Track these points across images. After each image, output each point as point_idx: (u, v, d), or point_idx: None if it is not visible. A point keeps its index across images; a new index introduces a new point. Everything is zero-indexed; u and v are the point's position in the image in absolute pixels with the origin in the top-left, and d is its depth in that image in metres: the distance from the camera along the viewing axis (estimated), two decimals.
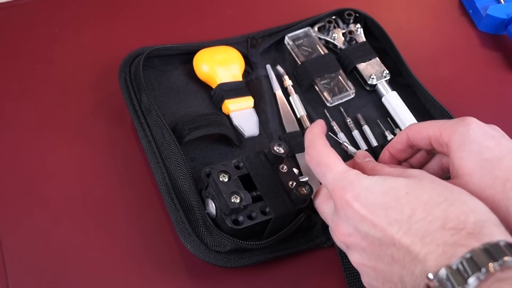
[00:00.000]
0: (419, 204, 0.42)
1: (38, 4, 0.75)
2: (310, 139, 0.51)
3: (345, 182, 0.46)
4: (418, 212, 0.42)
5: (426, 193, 0.43)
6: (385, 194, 0.44)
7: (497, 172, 0.46)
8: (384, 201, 0.44)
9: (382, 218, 0.43)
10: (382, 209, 0.44)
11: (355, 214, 0.45)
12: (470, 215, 0.41)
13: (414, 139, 0.52)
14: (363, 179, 0.46)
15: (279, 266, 0.57)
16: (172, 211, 0.57)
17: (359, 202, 0.45)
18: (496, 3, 0.79)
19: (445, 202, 0.42)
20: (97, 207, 0.60)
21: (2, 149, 0.63)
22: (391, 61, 0.72)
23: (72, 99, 0.67)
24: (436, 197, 0.43)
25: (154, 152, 0.60)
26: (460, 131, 0.48)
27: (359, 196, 0.45)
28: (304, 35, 0.73)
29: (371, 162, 0.52)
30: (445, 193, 0.43)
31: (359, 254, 0.46)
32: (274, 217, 0.54)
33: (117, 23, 0.75)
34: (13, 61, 0.70)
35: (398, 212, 0.43)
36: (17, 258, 0.56)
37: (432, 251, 0.40)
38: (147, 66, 0.68)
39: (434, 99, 0.66)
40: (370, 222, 0.44)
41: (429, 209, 0.42)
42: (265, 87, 0.69)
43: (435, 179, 0.46)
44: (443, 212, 0.41)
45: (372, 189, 0.45)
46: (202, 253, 0.54)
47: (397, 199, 0.43)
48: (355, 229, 0.45)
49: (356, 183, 0.46)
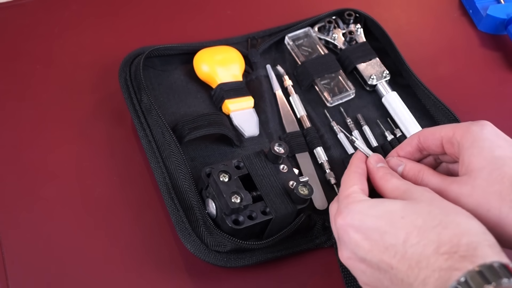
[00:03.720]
0: (414, 228, 0.43)
1: (38, 4, 0.75)
2: (349, 165, 0.53)
3: (342, 205, 0.48)
4: (413, 236, 0.43)
5: (420, 217, 0.43)
6: (380, 218, 0.45)
7: (507, 169, 0.46)
8: (379, 225, 0.44)
9: (378, 242, 0.44)
10: (377, 233, 0.44)
11: (350, 239, 0.46)
12: (463, 238, 0.41)
13: (426, 141, 0.52)
14: (359, 203, 0.47)
15: (279, 266, 0.57)
16: (172, 211, 0.57)
17: (353, 227, 0.46)
18: (496, 3, 0.79)
19: (439, 225, 0.42)
20: (97, 207, 0.60)
21: (2, 149, 0.63)
22: (391, 61, 0.72)
23: (72, 99, 0.67)
24: (430, 221, 0.43)
25: (154, 152, 0.60)
26: (474, 130, 0.48)
27: (353, 220, 0.46)
28: (304, 35, 0.73)
29: (382, 169, 0.52)
30: (440, 216, 0.43)
31: (361, 275, 0.47)
32: (274, 217, 0.54)
33: (117, 22, 0.75)
34: (13, 61, 0.70)
35: (393, 236, 0.43)
36: (17, 258, 0.56)
37: (429, 276, 0.41)
38: (147, 66, 0.68)
39: (436, 99, 0.66)
40: (365, 248, 0.45)
41: (423, 233, 0.42)
42: (265, 87, 0.69)
43: (433, 201, 0.46)
44: (436, 236, 0.42)
45: (366, 212, 0.46)
46: (202, 253, 0.54)
47: (392, 223, 0.44)
48: (353, 253, 0.46)
49: (351, 208, 0.47)
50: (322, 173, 0.63)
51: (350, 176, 0.51)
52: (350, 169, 0.53)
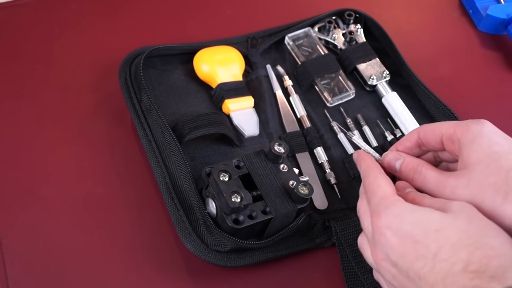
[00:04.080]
0: (446, 243, 0.43)
1: (38, 4, 0.75)
2: (365, 169, 0.52)
3: (381, 208, 0.47)
4: (444, 251, 0.42)
5: (456, 233, 0.43)
6: (415, 226, 0.45)
7: (503, 162, 0.47)
8: (413, 233, 0.44)
9: (410, 250, 0.44)
10: (411, 241, 0.44)
11: (386, 242, 0.46)
12: (493, 260, 0.41)
13: (426, 137, 0.53)
14: (397, 206, 0.46)
15: (279, 266, 0.57)
16: (172, 210, 0.57)
17: (391, 230, 0.46)
18: (496, 3, 0.79)
19: (473, 245, 0.42)
20: (97, 207, 0.60)
21: (2, 149, 0.63)
22: (391, 61, 0.72)
23: (72, 99, 0.67)
24: (466, 239, 0.43)
25: (154, 152, 0.60)
26: (474, 128, 0.49)
27: (391, 223, 0.46)
28: (304, 35, 0.73)
29: (412, 193, 0.51)
30: (476, 236, 0.43)
31: (391, 279, 0.47)
32: (274, 217, 0.54)
33: (117, 22, 0.75)
34: (13, 61, 0.70)
35: (425, 248, 0.43)
36: (17, 258, 0.56)
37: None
38: (147, 66, 0.68)
39: (436, 99, 0.66)
40: (399, 252, 0.45)
41: (455, 250, 0.42)
42: (265, 87, 0.69)
43: (473, 218, 0.45)
44: (467, 255, 0.41)
45: (403, 217, 0.45)
46: (203, 253, 0.54)
47: (426, 234, 0.44)
48: (387, 255, 0.46)
49: (390, 210, 0.46)
50: (322, 173, 0.63)
51: (379, 176, 0.51)
52: (373, 169, 0.52)
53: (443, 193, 0.49)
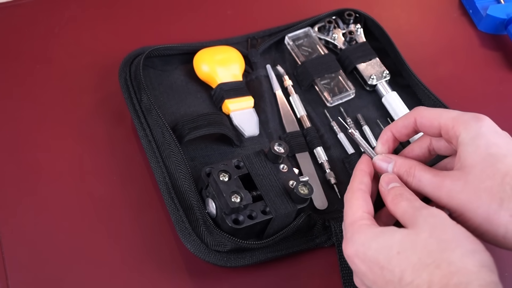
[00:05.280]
0: (408, 265, 0.43)
1: (38, 4, 0.75)
2: (352, 177, 0.52)
3: (348, 234, 0.48)
4: (407, 274, 0.43)
5: (416, 253, 0.43)
6: (379, 253, 0.45)
7: (500, 166, 0.46)
8: (378, 259, 0.45)
9: (379, 276, 0.45)
10: (378, 268, 0.45)
11: (357, 269, 0.47)
12: (453, 278, 0.41)
13: (423, 126, 0.52)
14: (363, 233, 0.47)
15: (279, 266, 0.57)
16: (172, 210, 0.57)
17: (358, 258, 0.46)
18: (496, 3, 0.79)
19: (432, 264, 0.42)
20: (97, 207, 0.60)
21: (2, 149, 0.63)
22: (391, 61, 0.72)
23: (72, 99, 0.67)
24: (426, 258, 0.43)
25: (154, 152, 0.60)
26: (472, 127, 0.48)
27: (358, 252, 0.46)
28: (304, 35, 0.73)
29: (392, 191, 0.50)
30: (435, 253, 0.43)
31: None
32: (274, 217, 0.54)
33: (117, 23, 0.75)
34: (13, 61, 0.70)
35: (391, 273, 0.44)
36: (17, 258, 0.56)
37: None
38: (147, 66, 0.68)
39: (436, 99, 0.66)
40: (370, 279, 0.46)
41: (416, 272, 0.42)
42: (265, 87, 0.69)
43: (435, 230, 0.44)
44: (428, 276, 0.42)
45: (368, 245, 0.46)
46: (202, 253, 0.54)
47: (389, 260, 0.44)
48: (362, 281, 0.48)
49: (356, 237, 0.47)
50: (322, 173, 0.63)
51: (354, 196, 0.50)
52: (353, 185, 0.51)
53: (439, 197, 0.48)
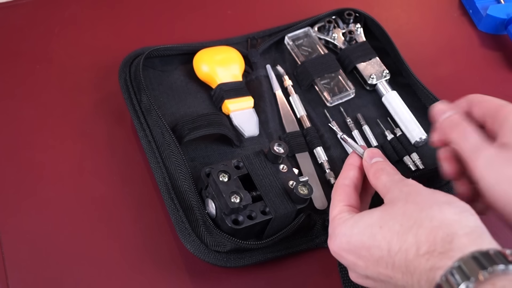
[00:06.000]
0: (393, 235, 0.43)
1: (38, 4, 0.75)
2: (341, 171, 0.53)
3: (330, 230, 0.49)
4: (394, 243, 0.43)
5: (397, 221, 0.43)
6: (363, 234, 0.45)
7: None
8: (363, 241, 0.45)
9: (369, 259, 0.44)
10: (365, 250, 0.45)
11: (347, 262, 0.47)
12: (438, 232, 0.41)
13: (474, 105, 0.52)
14: (342, 225, 0.47)
15: (279, 266, 0.57)
16: (172, 211, 0.57)
17: (344, 249, 0.46)
18: (496, 3, 0.79)
19: (415, 224, 0.42)
20: (97, 207, 0.60)
21: (2, 149, 0.63)
22: (391, 60, 0.72)
23: (72, 99, 0.67)
24: (406, 221, 0.43)
25: (154, 152, 0.60)
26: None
27: (342, 244, 0.47)
28: (304, 35, 0.73)
29: (375, 166, 0.50)
30: (414, 214, 0.43)
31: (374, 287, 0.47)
32: (274, 217, 0.54)
33: (117, 23, 0.75)
34: (13, 61, 0.70)
35: (378, 249, 0.44)
36: (17, 258, 0.56)
37: (421, 279, 0.41)
38: (147, 66, 0.68)
39: (436, 99, 0.66)
40: (362, 266, 0.45)
41: (402, 237, 0.42)
42: (265, 87, 0.69)
43: (409, 196, 0.45)
44: (414, 237, 0.42)
45: (351, 232, 0.46)
46: (202, 253, 0.54)
47: (373, 236, 0.44)
48: (356, 273, 0.47)
49: (337, 231, 0.47)
50: (322, 173, 0.63)
51: (336, 192, 0.51)
52: (337, 182, 0.52)
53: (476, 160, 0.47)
